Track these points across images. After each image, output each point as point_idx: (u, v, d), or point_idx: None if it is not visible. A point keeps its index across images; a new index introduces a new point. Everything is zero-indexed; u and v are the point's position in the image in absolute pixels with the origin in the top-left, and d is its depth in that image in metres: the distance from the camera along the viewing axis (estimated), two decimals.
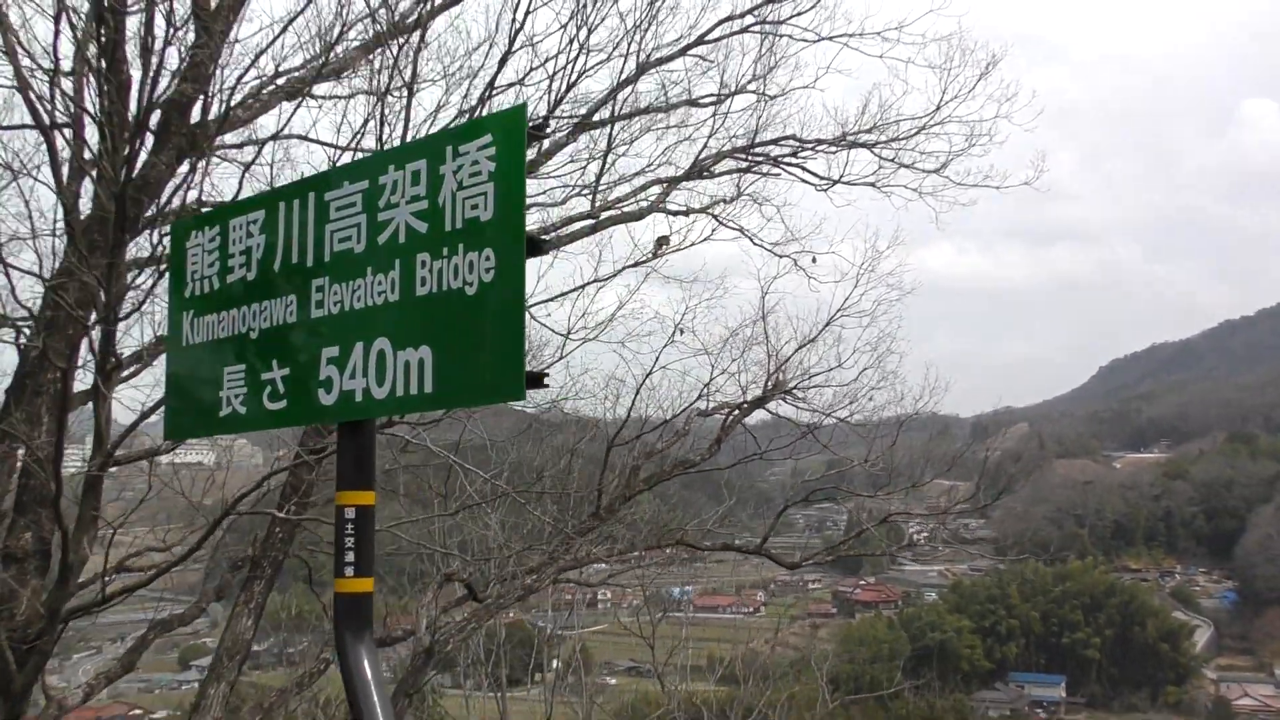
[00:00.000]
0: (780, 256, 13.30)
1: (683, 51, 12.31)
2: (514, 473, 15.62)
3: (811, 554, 13.53)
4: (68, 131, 8.40)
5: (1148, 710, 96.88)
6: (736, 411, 13.05)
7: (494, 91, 10.41)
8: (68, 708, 10.41)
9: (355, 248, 3.16)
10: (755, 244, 13.39)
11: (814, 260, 12.73)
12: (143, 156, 9.29)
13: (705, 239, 12.31)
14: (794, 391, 13.15)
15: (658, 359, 11.71)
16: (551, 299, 10.36)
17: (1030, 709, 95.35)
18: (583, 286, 10.77)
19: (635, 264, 10.94)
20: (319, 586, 14.83)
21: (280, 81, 9.92)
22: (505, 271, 2.70)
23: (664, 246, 10.79)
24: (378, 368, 3.02)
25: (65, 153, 8.24)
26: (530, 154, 11.76)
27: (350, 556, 3.02)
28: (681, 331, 11.79)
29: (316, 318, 3.24)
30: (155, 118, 9.24)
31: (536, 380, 2.65)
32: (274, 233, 3.42)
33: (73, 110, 8.60)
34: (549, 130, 10.59)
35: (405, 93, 9.29)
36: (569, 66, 10.99)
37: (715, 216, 13.18)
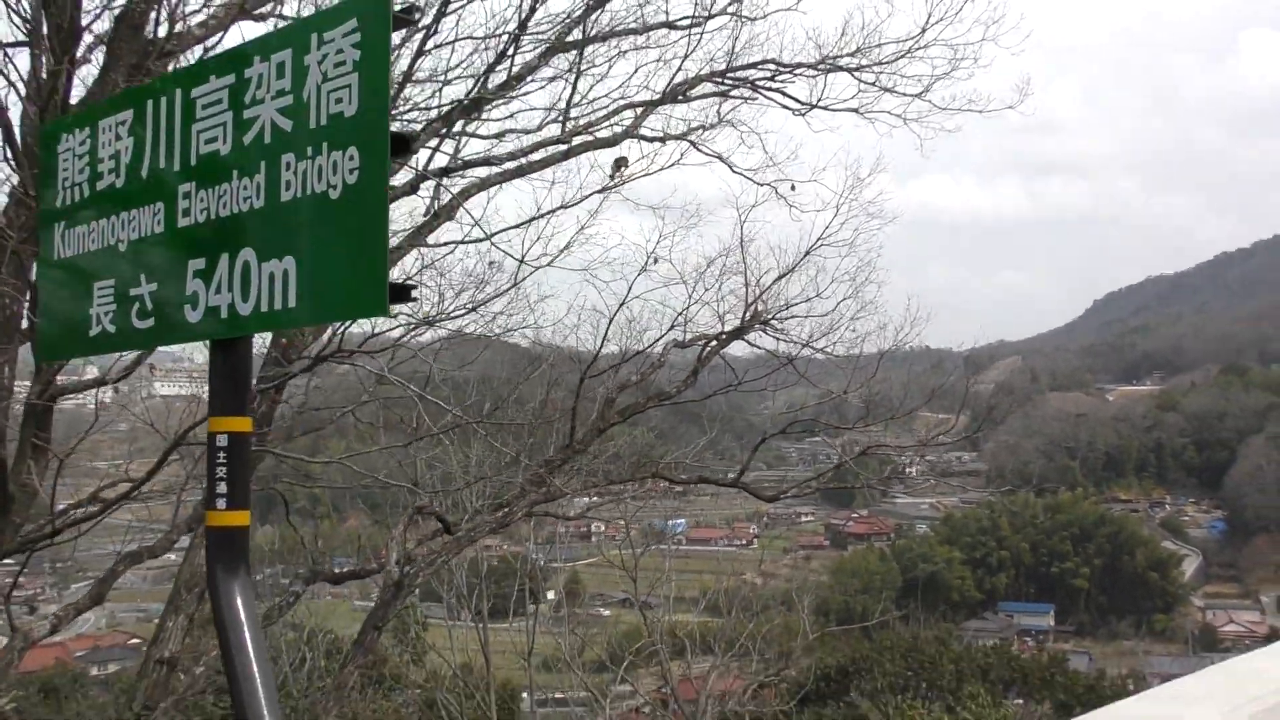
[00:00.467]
0: (759, 184, 12.99)
1: None
2: (496, 405, 15.44)
3: (788, 487, 13.35)
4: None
5: (1134, 638, 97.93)
6: (714, 343, 12.83)
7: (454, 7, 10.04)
8: (34, 639, 10.27)
9: (221, 149, 2.89)
10: (734, 171, 13.06)
11: (793, 188, 12.42)
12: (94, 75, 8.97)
13: (674, 163, 11.97)
14: (773, 322, 12.92)
15: (631, 288, 11.45)
16: (513, 226, 10.07)
17: (1018, 637, 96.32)
18: (551, 212, 10.47)
19: (600, 190, 10.63)
20: (298, 518, 14.65)
21: None
22: (368, 172, 2.46)
23: (622, 169, 10.46)
24: (243, 282, 2.77)
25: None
26: (499, 77, 11.42)
27: (222, 488, 2.80)
28: (656, 260, 11.52)
29: (183, 227, 2.97)
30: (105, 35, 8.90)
31: (402, 294, 2.41)
32: (142, 135, 3.14)
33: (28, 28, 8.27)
34: (420, 19, 10.14)
35: None
36: None
37: (693, 143, 12.85)
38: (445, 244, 9.93)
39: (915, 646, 22.12)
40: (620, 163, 10.50)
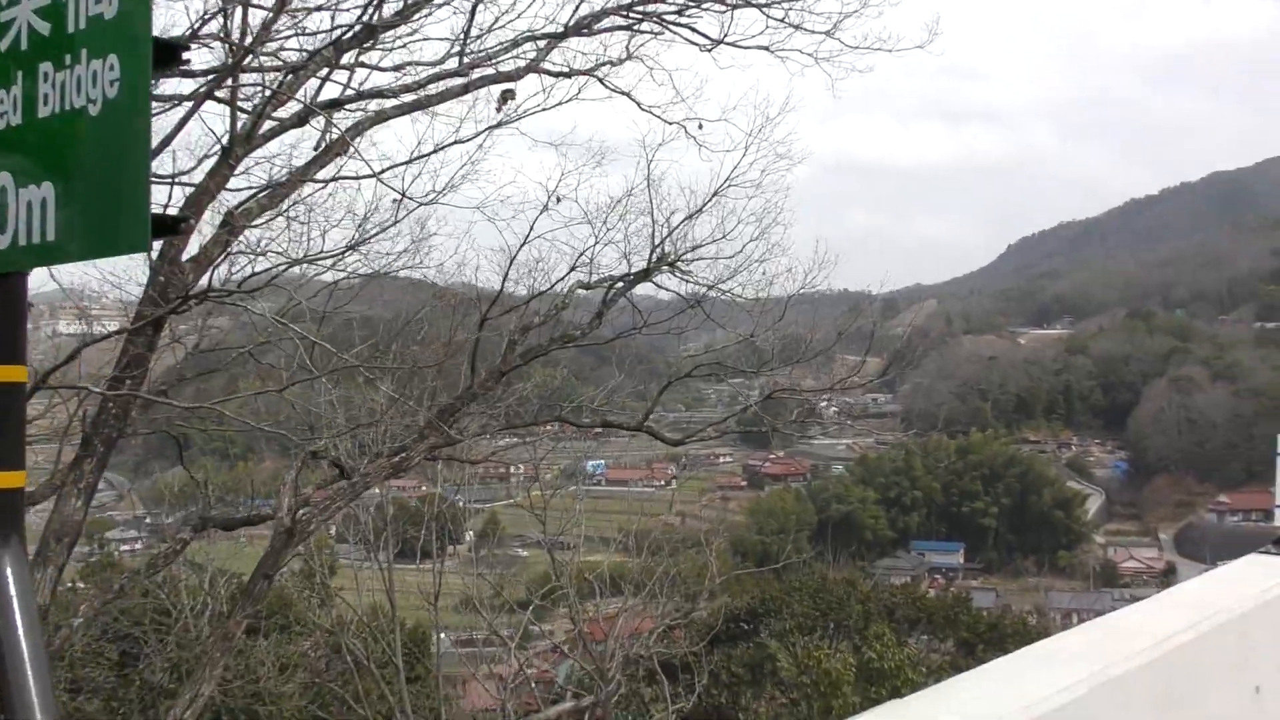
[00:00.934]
0: (668, 123, 12.65)
1: None
2: (387, 347, 15.04)
3: (694, 431, 13.21)
4: None
5: (1039, 574, 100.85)
6: (620, 284, 12.56)
7: None
8: None
9: None
10: (642, 109, 12.71)
11: (700, 126, 12.13)
12: None
13: (574, 98, 11.59)
14: (679, 264, 12.69)
15: (532, 228, 11.11)
16: (404, 163, 9.65)
17: (929, 575, 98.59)
18: (443, 147, 10.06)
19: (492, 127, 10.23)
20: (214, 460, 14.02)
21: None
22: (130, 85, 2.13)
23: (509, 101, 10.07)
24: None
25: None
26: (394, 4, 10.90)
27: None
28: (559, 199, 11.19)
29: None
30: None
31: (169, 227, 2.11)
32: None
33: None
34: None
35: None
36: None
37: (599, 79, 12.47)
38: (333, 180, 9.48)
39: (824, 587, 22.30)
40: (507, 95, 10.10)
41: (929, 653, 21.82)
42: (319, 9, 10.24)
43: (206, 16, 8.82)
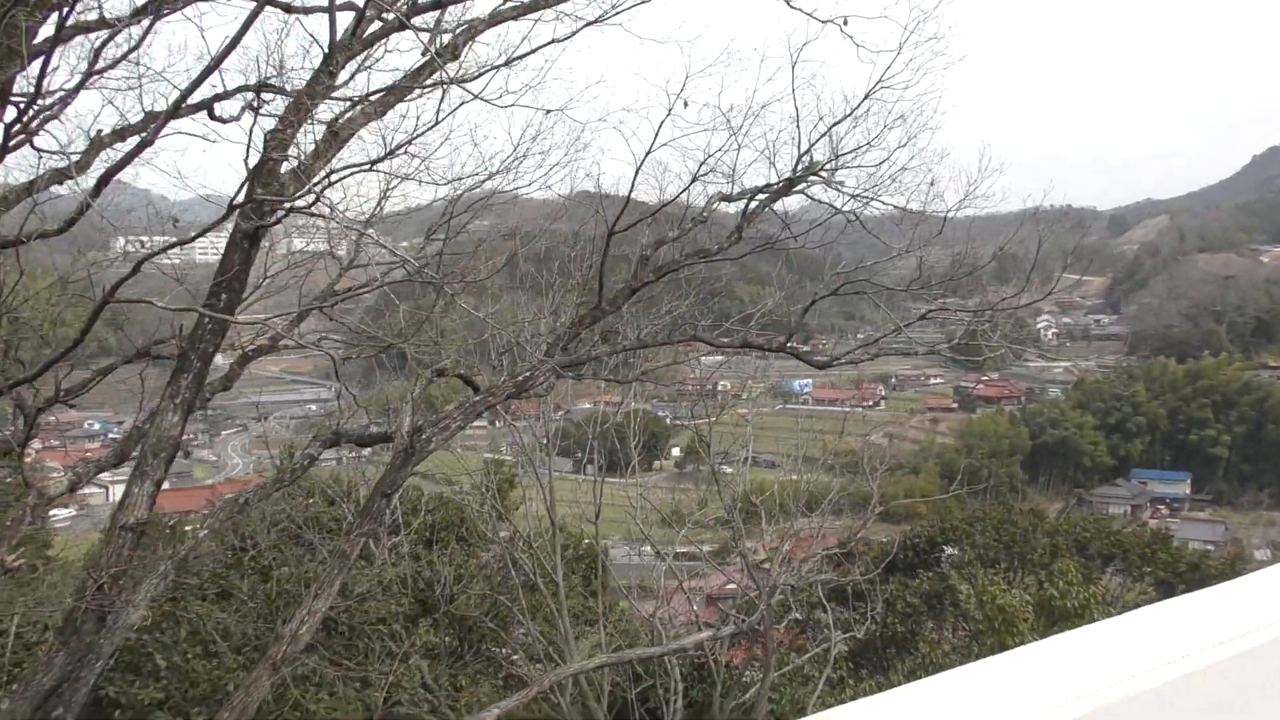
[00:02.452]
0: (821, 21, 11.72)
1: None
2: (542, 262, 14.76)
3: (842, 354, 12.32)
4: None
5: (1276, 508, 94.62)
6: (762, 196, 11.82)
7: None
8: (50, 496, 10.14)
9: None
10: (791, 7, 11.82)
11: (845, 22, 11.15)
12: None
13: None
14: (836, 170, 11.85)
15: (657, 135, 10.44)
16: (497, 66, 9.13)
17: (1150, 505, 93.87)
18: (536, 49, 9.48)
19: (596, 20, 9.53)
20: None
21: None
22: None
23: None
24: None
25: None
26: None
27: None
28: (686, 104, 10.48)
29: None
30: None
31: None
32: None
33: None
34: None
35: None
36: None
37: None
38: (441, 84, 9.04)
39: (1008, 519, 21.12)
40: None
41: (1123, 591, 20.40)
42: None
43: None
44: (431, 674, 18.26)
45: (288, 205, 7.96)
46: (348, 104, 8.76)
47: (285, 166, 8.52)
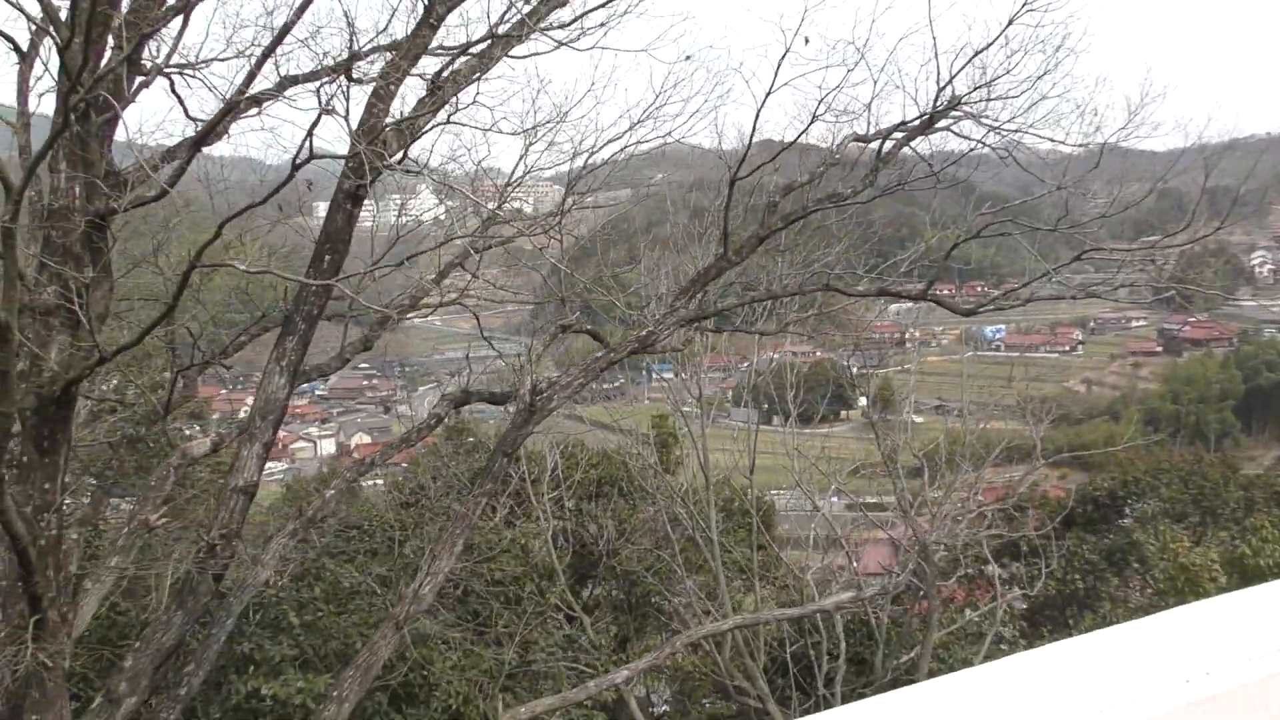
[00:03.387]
0: None
1: None
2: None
3: (993, 297, 11.54)
4: None
5: None
6: (899, 135, 11.18)
7: None
8: (193, 456, 10.46)
9: None
10: None
11: None
12: None
13: None
14: (974, 104, 11.10)
15: (778, 73, 9.92)
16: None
17: None
18: None
19: None
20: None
21: None
22: None
23: None
24: None
25: None
26: None
27: None
28: (807, 40, 9.95)
29: None
30: None
31: None
32: None
33: None
34: None
35: None
36: None
37: None
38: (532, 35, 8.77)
39: (1197, 470, 19.73)
40: None
41: None
42: None
43: None
44: (594, 629, 18.46)
45: (386, 164, 7.85)
46: (449, 57, 8.60)
47: (389, 122, 8.44)
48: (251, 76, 7.43)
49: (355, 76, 8.41)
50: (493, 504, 10.96)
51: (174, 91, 8.09)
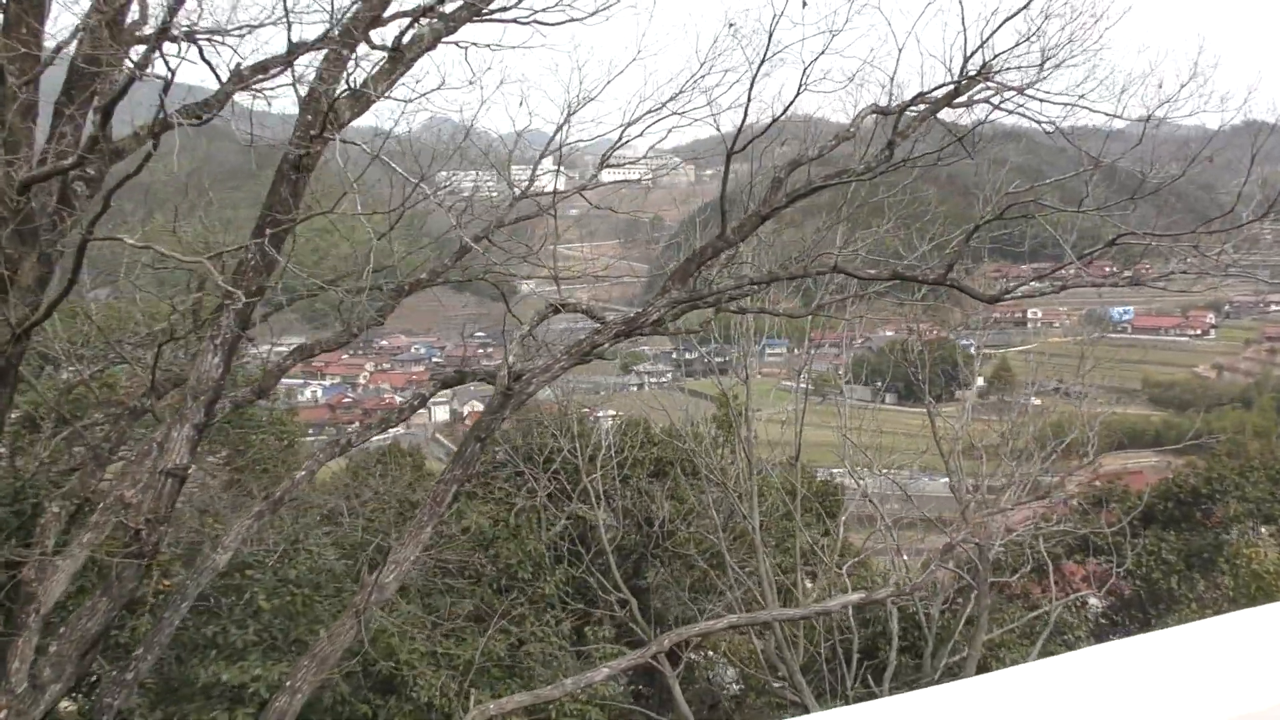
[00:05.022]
0: None
1: None
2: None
3: (1016, 283, 10.65)
4: None
5: None
6: (922, 107, 10.44)
7: None
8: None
9: None
10: None
11: None
12: None
13: None
14: (1016, 75, 10.32)
15: (771, 37, 9.28)
16: None
17: None
18: None
19: None
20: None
21: None
22: None
23: None
24: None
25: None
26: None
27: None
28: (805, 3, 9.30)
29: None
30: None
31: None
32: None
33: None
34: None
35: None
36: None
37: None
38: None
39: None
40: None
41: None
42: None
43: None
44: (650, 607, 18.09)
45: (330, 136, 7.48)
46: (409, 20, 8.19)
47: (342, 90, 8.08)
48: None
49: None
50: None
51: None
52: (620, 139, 12.20)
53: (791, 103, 9.65)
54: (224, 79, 7.84)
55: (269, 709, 8.44)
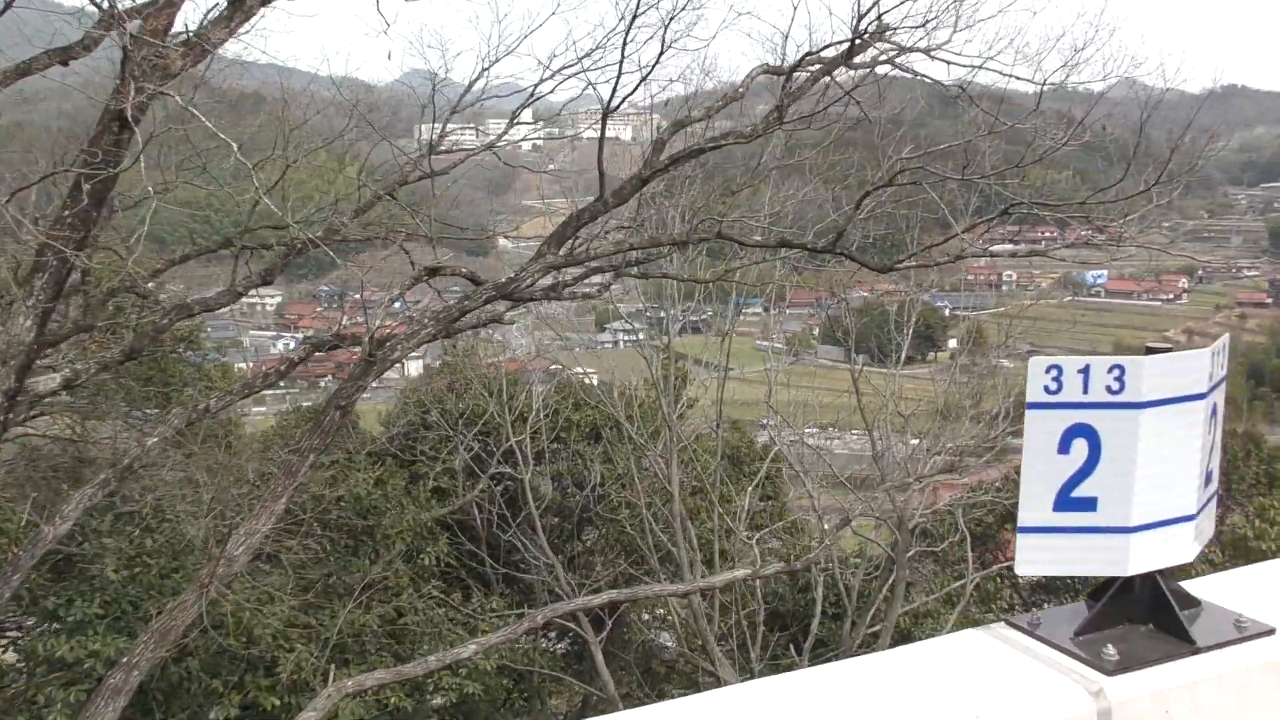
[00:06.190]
0: None
1: None
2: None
3: (905, 255, 10.23)
4: None
5: None
6: (816, 67, 10.03)
7: None
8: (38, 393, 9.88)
9: None
10: None
11: None
12: None
13: None
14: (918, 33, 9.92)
15: None
16: None
17: None
18: None
19: None
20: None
21: None
22: None
23: None
24: None
25: None
26: None
27: None
28: None
29: None
30: None
31: None
32: None
33: None
34: None
35: None
36: None
37: None
38: None
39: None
40: None
41: None
42: None
43: None
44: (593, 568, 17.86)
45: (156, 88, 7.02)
46: None
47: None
48: None
49: None
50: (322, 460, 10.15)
51: None
52: (532, 95, 11.86)
53: (655, 63, 9.19)
54: None
55: (102, 686, 8.09)
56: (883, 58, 10.30)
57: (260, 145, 11.46)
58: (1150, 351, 1.90)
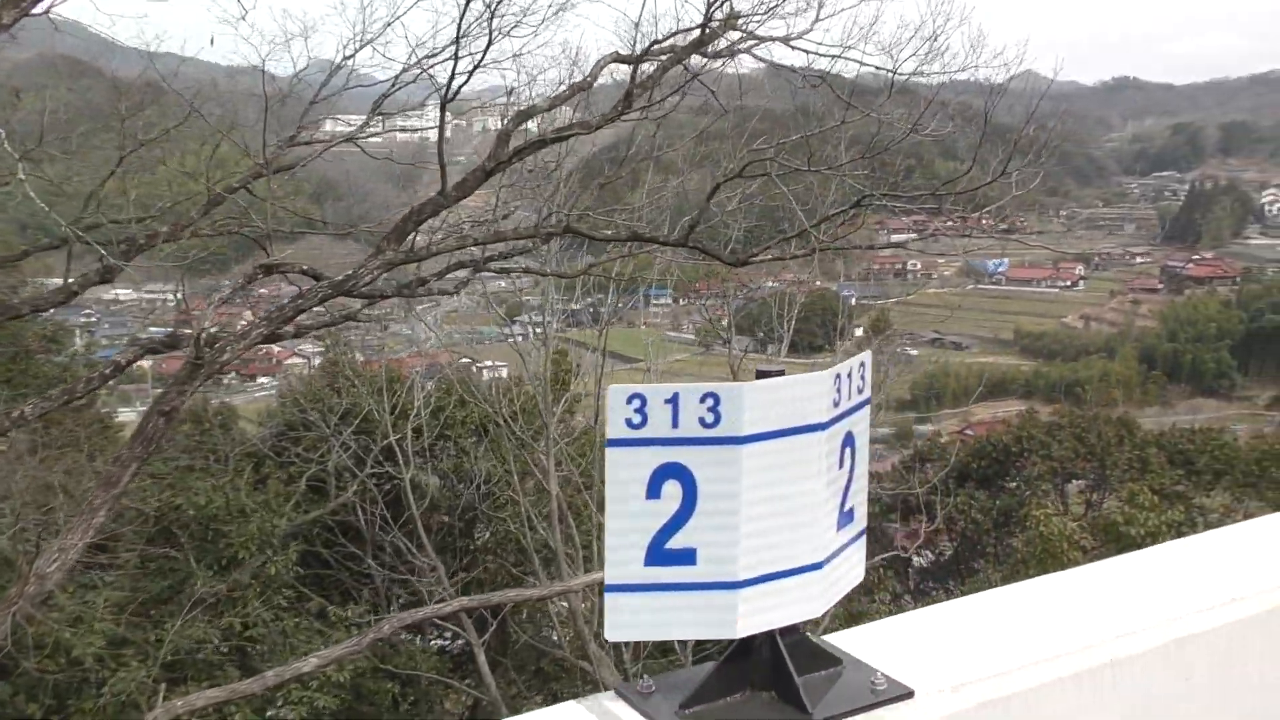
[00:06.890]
0: None
1: None
2: None
3: (760, 249, 10.01)
4: None
5: None
6: (665, 56, 9.79)
7: None
8: None
9: None
10: None
11: None
12: None
13: None
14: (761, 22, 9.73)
15: None
16: None
17: None
18: None
19: None
20: None
21: None
22: None
23: None
24: None
25: None
26: None
27: None
28: None
29: None
30: None
31: None
32: None
33: None
34: None
35: None
36: None
37: None
38: None
39: (1090, 428, 18.33)
40: None
41: (1230, 515, 17.49)
42: None
43: None
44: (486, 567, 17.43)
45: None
46: None
47: None
48: None
49: None
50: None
51: None
52: (394, 84, 11.51)
53: (486, 50, 8.87)
54: None
55: None
56: (740, 47, 10.14)
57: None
58: (761, 376, 1.61)
